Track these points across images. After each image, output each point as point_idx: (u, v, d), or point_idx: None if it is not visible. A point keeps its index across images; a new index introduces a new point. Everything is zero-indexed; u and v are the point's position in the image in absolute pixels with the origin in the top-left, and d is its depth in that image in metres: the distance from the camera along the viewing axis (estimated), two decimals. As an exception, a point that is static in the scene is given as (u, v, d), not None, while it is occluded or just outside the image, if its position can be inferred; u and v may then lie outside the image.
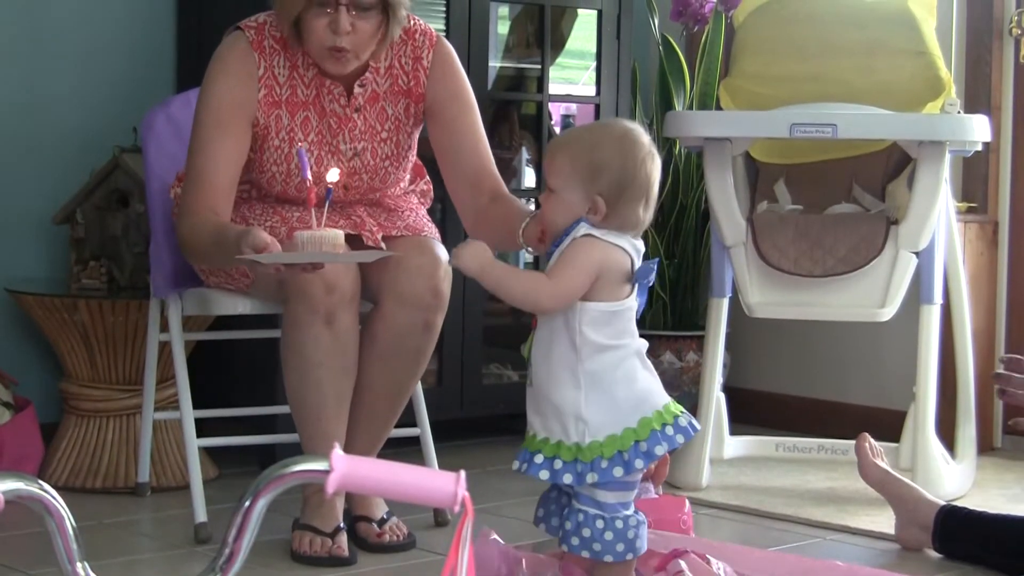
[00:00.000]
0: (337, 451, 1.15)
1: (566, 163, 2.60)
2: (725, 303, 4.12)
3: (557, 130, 5.24)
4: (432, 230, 3.42)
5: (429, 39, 3.35)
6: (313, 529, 3.22)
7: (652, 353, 4.83)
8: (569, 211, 2.59)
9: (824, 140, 3.99)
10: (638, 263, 2.60)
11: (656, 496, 3.10)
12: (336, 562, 3.16)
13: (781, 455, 4.17)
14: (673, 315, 4.97)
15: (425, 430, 3.64)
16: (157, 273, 3.55)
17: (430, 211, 3.57)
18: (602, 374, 2.56)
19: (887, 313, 3.94)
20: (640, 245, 2.62)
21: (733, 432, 4.19)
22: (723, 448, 4.13)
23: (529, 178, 5.15)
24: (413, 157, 3.46)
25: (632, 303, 2.60)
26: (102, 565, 3.03)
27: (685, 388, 4.90)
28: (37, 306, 3.90)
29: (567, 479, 2.54)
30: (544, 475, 2.55)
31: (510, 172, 4.96)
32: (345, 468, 1.15)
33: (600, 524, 2.56)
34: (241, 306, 3.44)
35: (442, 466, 3.55)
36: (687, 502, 3.11)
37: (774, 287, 4.00)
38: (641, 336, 5.06)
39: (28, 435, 3.91)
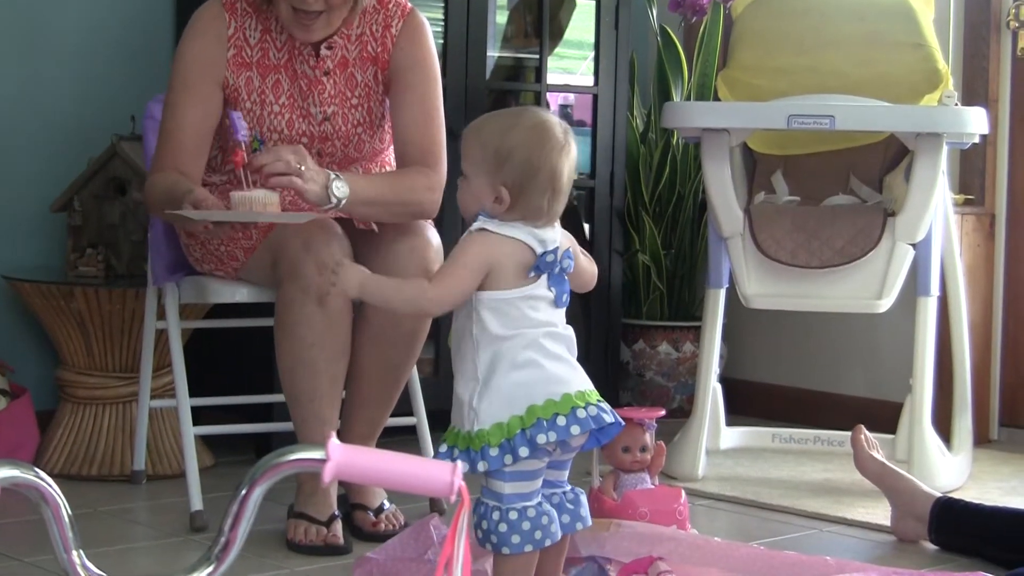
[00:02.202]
0: (334, 440, 1.15)
1: (476, 149, 2.57)
2: (722, 294, 4.11)
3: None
4: None
5: (402, 9, 3.38)
6: (308, 518, 3.22)
7: (649, 343, 4.89)
8: (476, 199, 2.56)
9: (822, 131, 3.99)
10: (547, 256, 2.54)
11: (652, 487, 3.10)
12: (331, 551, 3.16)
13: (777, 446, 4.17)
14: (670, 306, 4.97)
15: (421, 419, 3.64)
16: (155, 261, 3.55)
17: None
18: (497, 364, 2.52)
19: (884, 305, 3.94)
20: (548, 235, 2.56)
21: (729, 423, 4.19)
22: (719, 439, 4.13)
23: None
24: (389, 128, 3.46)
25: (535, 291, 2.54)
26: (97, 553, 3.03)
27: (682, 378, 4.91)
28: (34, 293, 3.90)
29: (463, 466, 2.49)
30: None
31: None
32: (341, 457, 1.14)
33: (496, 516, 2.52)
34: (238, 294, 3.44)
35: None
36: (683, 493, 3.12)
37: (771, 278, 4.00)
38: (638, 326, 5.06)
39: (24, 423, 3.91)
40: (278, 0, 3.22)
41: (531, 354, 2.52)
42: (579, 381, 2.55)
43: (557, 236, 2.58)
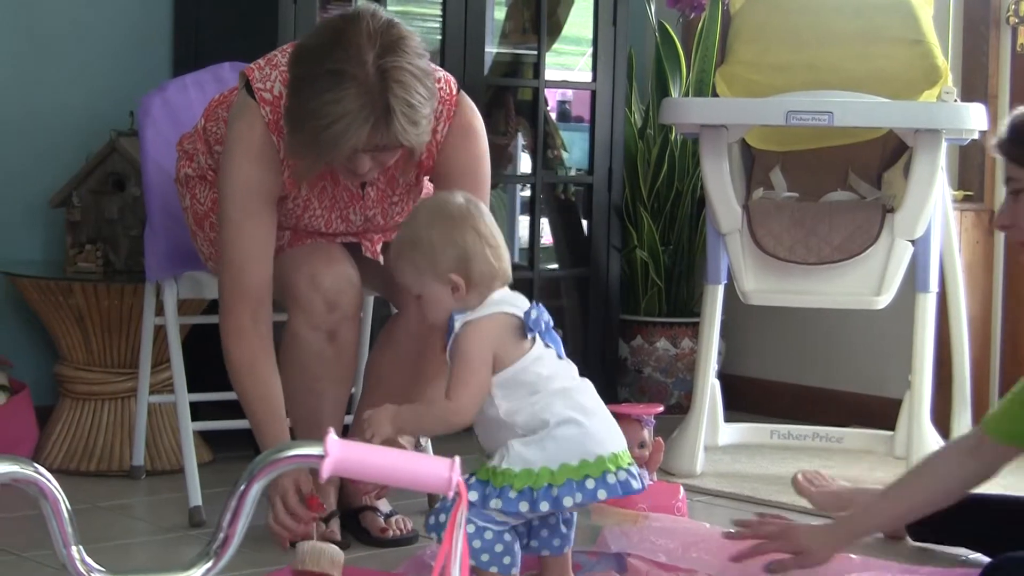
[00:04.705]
0: (332, 436, 1.15)
1: (406, 267, 2.65)
2: (720, 290, 4.11)
3: (553, 115, 5.24)
4: None
5: (448, 110, 3.16)
6: (307, 513, 3.22)
7: (648, 339, 4.89)
8: (440, 303, 2.63)
9: (820, 127, 3.98)
10: (531, 313, 2.60)
11: (650, 483, 3.10)
12: (329, 546, 3.16)
13: (775, 442, 4.17)
14: (668, 302, 4.97)
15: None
16: (151, 257, 3.54)
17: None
18: (531, 423, 2.55)
19: (883, 301, 3.94)
20: (518, 300, 2.63)
21: (728, 419, 4.19)
22: (717, 435, 4.13)
23: (525, 164, 5.15)
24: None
25: (538, 352, 2.59)
26: (97, 548, 3.02)
27: (680, 375, 4.91)
28: (33, 289, 3.90)
29: (472, 495, 2.54)
30: None
31: (505, 158, 4.96)
32: (339, 453, 1.14)
33: (471, 528, 2.55)
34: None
35: (436, 451, 3.55)
36: (681, 489, 3.12)
37: (769, 274, 4.00)
38: (637, 322, 5.05)
39: (23, 418, 3.91)
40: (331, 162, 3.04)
41: (565, 410, 2.55)
42: (614, 441, 2.59)
43: (524, 298, 2.65)
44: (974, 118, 3.92)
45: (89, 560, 1.14)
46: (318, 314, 3.14)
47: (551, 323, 2.63)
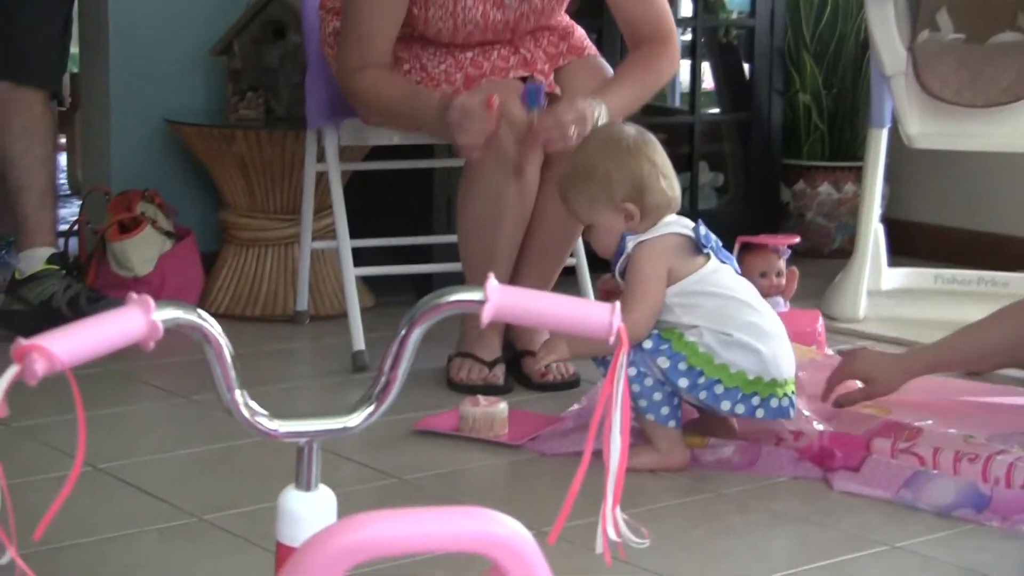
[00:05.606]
0: (492, 281, 1.15)
1: (578, 197, 2.72)
2: (884, 133, 4.05)
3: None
4: (589, 45, 3.38)
5: None
6: (472, 357, 3.25)
7: (810, 183, 4.83)
8: (612, 232, 2.68)
9: (990, -35, 3.88)
10: (700, 229, 2.64)
11: (786, 310, 3.12)
12: (492, 390, 3.17)
13: (940, 287, 4.12)
14: (831, 146, 4.90)
15: (581, 261, 3.64)
16: (312, 104, 3.56)
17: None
18: (713, 327, 2.58)
19: (1052, 144, 3.86)
20: (687, 221, 2.67)
21: (891, 264, 4.14)
22: (881, 279, 4.09)
23: (686, 7, 5.08)
24: None
25: (715, 266, 2.63)
26: (261, 392, 3.09)
27: (843, 219, 4.85)
28: (196, 137, 3.95)
29: (647, 343, 2.59)
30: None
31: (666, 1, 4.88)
32: (500, 299, 1.14)
33: (649, 382, 2.60)
34: (397, 136, 3.45)
35: (598, 298, 3.55)
36: (820, 316, 3.12)
37: (935, 117, 3.93)
38: (799, 166, 4.99)
39: (189, 264, 3.98)
40: None
41: (747, 336, 2.57)
42: (788, 366, 2.62)
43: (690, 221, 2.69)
44: None
45: (253, 403, 1.15)
46: (507, 147, 3.11)
47: (720, 243, 2.67)
